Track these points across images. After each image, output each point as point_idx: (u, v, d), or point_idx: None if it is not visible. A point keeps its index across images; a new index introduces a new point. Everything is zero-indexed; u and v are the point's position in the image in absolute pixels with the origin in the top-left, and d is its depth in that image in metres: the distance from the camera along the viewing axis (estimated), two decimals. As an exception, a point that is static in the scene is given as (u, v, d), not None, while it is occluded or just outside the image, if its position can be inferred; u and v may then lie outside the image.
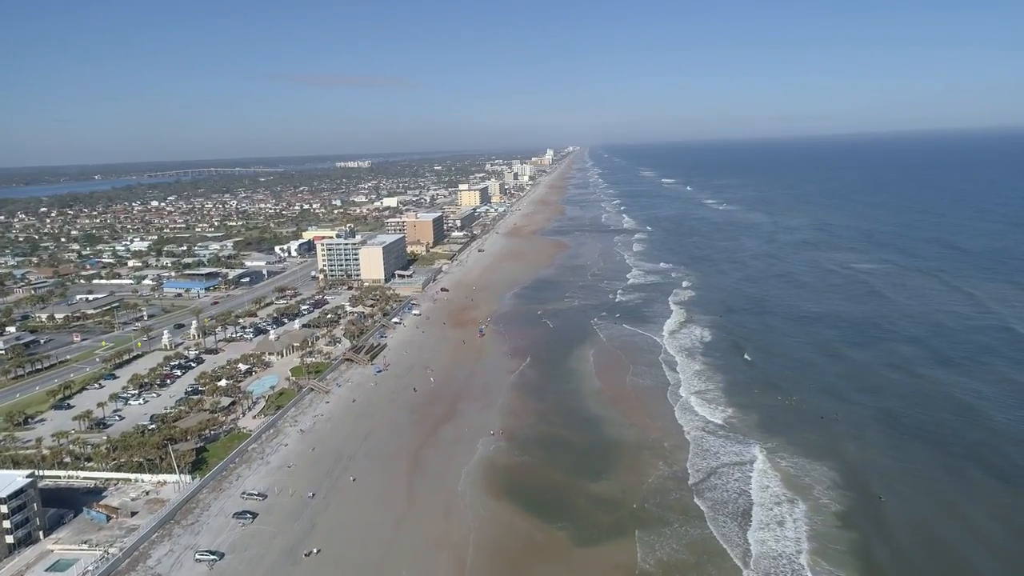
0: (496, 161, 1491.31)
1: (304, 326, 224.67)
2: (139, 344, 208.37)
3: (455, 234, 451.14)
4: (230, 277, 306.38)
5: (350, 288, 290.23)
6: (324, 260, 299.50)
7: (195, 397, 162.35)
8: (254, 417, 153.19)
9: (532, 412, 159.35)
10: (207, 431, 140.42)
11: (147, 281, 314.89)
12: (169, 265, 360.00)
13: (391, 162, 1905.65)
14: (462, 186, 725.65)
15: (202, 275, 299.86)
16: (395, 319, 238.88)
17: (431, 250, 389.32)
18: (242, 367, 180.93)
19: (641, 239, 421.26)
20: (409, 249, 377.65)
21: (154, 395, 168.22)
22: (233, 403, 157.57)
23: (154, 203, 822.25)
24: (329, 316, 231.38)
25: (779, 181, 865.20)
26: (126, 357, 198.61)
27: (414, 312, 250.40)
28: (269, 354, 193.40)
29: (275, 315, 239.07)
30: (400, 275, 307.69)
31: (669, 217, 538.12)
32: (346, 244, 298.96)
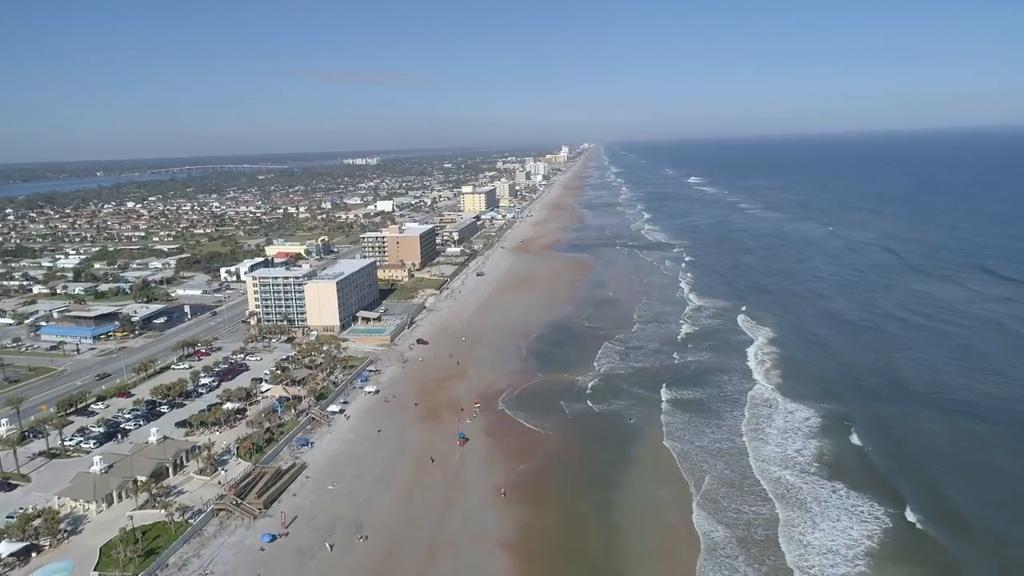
0: (508, 158, 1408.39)
1: (184, 424, 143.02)
2: None
3: (450, 250, 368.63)
4: (135, 319, 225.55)
5: (291, 339, 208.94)
6: (257, 299, 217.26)
7: None
8: None
9: None
10: None
11: (31, 320, 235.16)
12: (81, 293, 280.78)
13: (401, 159, 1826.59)
14: (465, 188, 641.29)
15: (91, 318, 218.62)
16: (334, 406, 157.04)
17: (417, 274, 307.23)
18: (1, 550, 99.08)
19: (681, 258, 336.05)
20: (388, 275, 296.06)
21: None
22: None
23: (130, 204, 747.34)
24: (228, 406, 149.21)
25: (809, 182, 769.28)
26: None
27: (367, 389, 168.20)
28: (85, 503, 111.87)
29: (157, 398, 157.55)
30: (364, 317, 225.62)
31: (707, 227, 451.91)
32: (286, 278, 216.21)
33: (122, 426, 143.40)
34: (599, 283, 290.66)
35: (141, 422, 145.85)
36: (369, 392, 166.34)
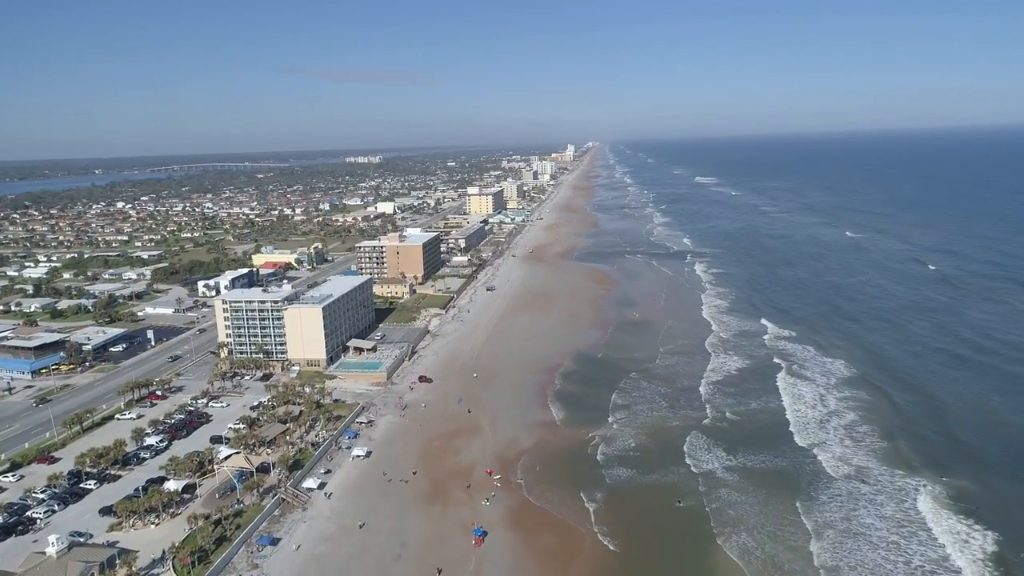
0: (513, 157, 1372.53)
1: (108, 512, 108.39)
2: None
3: (456, 259, 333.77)
4: (86, 347, 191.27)
5: (267, 376, 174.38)
6: (228, 328, 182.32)
7: None
8: None
9: None
10: None
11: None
12: (37, 310, 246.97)
13: (404, 157, 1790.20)
14: (471, 189, 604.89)
15: (30, 348, 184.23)
16: (312, 479, 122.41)
17: (419, 289, 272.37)
18: None
19: (711, 271, 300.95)
20: (386, 291, 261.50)
21: None
22: None
23: (119, 204, 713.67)
24: (170, 486, 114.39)
25: (816, 184, 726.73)
26: None
27: (356, 452, 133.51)
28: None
29: (84, 467, 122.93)
30: (356, 348, 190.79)
31: (733, 233, 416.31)
32: (262, 303, 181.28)
33: (29, 513, 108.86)
34: (622, 300, 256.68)
35: (56, 506, 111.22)
36: (358, 456, 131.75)
